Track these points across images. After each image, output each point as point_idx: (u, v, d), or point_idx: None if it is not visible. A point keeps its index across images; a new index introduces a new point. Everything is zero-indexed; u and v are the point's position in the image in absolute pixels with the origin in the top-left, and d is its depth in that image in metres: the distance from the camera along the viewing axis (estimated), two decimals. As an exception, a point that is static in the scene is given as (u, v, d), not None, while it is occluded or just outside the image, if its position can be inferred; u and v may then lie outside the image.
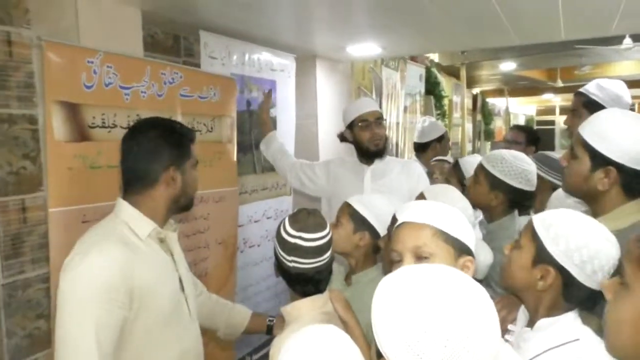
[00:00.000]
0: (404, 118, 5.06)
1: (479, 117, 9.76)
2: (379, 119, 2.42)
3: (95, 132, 1.73)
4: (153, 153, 1.33)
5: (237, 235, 2.55)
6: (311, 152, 3.34)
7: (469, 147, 8.22)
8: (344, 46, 3.10)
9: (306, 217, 1.41)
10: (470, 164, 2.33)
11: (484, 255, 1.57)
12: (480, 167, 1.91)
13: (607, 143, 1.32)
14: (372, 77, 4.43)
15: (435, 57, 6.31)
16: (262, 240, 2.89)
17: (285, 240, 1.37)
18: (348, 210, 1.70)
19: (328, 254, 1.40)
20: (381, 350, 0.78)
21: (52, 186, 1.62)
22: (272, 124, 3.07)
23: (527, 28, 2.79)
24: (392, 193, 2.14)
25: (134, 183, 1.36)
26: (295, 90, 3.14)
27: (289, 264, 1.36)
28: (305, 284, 1.39)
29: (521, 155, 1.91)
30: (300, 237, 1.35)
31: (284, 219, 1.43)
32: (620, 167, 1.31)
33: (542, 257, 1.13)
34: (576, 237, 1.09)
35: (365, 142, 2.40)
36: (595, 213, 1.39)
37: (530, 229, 1.18)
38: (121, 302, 1.23)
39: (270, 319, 1.79)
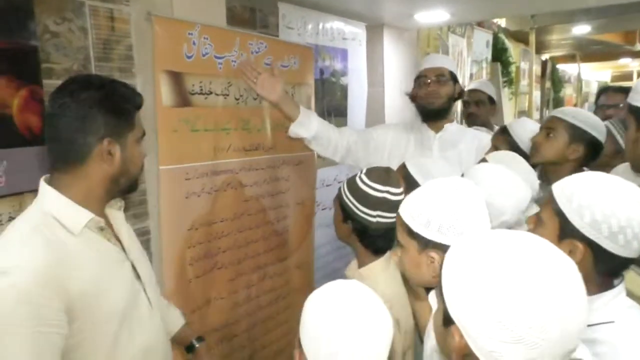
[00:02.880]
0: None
1: (548, 84, 9.37)
2: (439, 75, 2.17)
3: (195, 99, 1.91)
4: (83, 120, 1.06)
5: (314, 198, 2.70)
6: (378, 120, 3.43)
7: (536, 115, 7.95)
8: (412, 13, 3.13)
9: (386, 173, 1.44)
10: (522, 127, 2.13)
11: None
12: (557, 119, 1.87)
13: None
14: (439, 44, 4.41)
15: (502, 22, 6.12)
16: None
17: (370, 195, 1.39)
18: (403, 172, 1.64)
19: None
20: (451, 312, 0.77)
21: (162, 147, 1.79)
22: (344, 92, 3.15)
23: (605, -14, 2.71)
24: (462, 165, 2.04)
25: (59, 159, 1.10)
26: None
27: (372, 219, 1.40)
28: (382, 238, 1.43)
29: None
30: (387, 192, 1.40)
31: (355, 176, 1.44)
32: None
33: (567, 231, 1.02)
34: (602, 207, 0.98)
35: (418, 99, 2.24)
36: None
37: (551, 201, 1.06)
38: (56, 321, 0.98)
39: (196, 340, 1.55)
